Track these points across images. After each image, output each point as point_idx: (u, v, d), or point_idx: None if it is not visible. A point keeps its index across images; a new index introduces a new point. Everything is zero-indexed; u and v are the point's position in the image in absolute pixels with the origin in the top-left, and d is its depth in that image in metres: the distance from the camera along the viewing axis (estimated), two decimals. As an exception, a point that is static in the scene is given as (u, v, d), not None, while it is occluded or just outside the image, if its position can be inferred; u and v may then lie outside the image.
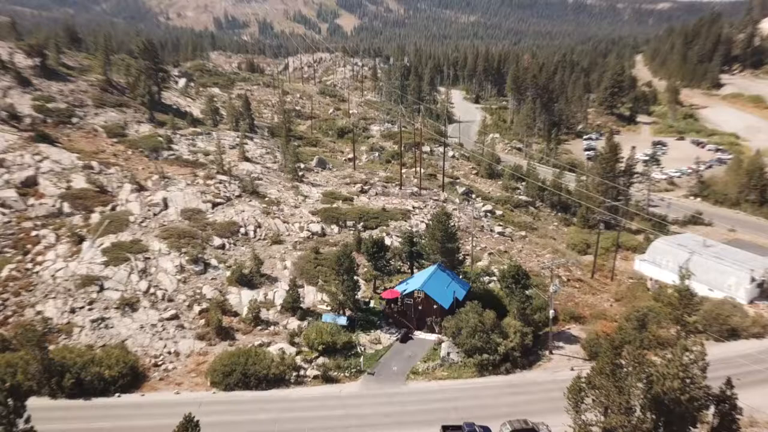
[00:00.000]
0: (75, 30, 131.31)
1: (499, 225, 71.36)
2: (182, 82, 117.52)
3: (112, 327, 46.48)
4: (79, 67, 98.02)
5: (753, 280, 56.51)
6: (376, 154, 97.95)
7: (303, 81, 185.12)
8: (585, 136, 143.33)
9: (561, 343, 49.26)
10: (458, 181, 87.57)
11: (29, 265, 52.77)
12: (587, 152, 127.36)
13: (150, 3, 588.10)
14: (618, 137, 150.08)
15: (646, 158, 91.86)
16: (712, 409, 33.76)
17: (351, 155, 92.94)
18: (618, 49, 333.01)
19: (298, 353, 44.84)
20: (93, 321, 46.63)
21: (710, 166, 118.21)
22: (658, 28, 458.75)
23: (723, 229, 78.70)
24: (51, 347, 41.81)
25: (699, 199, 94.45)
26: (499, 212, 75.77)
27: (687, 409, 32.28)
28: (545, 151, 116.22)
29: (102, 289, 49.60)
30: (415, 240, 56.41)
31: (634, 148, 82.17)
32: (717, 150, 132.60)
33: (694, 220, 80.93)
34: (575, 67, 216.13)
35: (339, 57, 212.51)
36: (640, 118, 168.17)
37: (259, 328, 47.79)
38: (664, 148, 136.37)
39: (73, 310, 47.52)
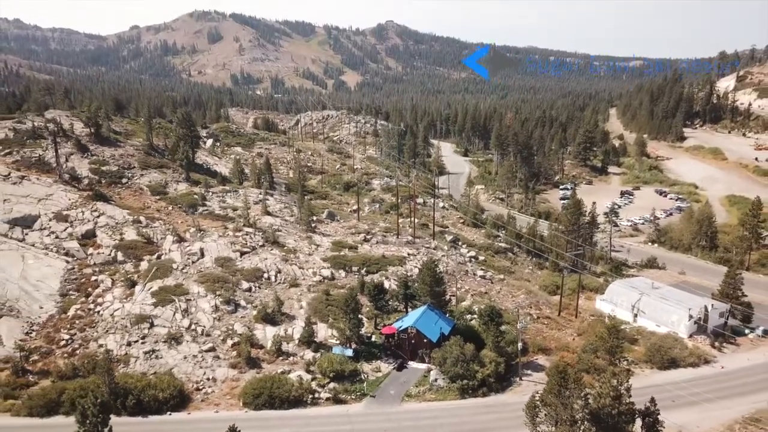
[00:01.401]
0: (120, 100, 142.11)
1: (482, 269, 78.58)
2: (209, 142, 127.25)
3: (161, 357, 53.21)
4: (125, 132, 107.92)
5: (691, 317, 63.36)
6: (377, 205, 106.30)
7: (313, 136, 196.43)
8: (561, 186, 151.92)
9: (529, 371, 55.69)
10: (447, 229, 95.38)
11: (91, 306, 59.93)
12: (563, 201, 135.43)
13: (173, 61, 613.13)
14: (591, 187, 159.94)
15: (608, 210, 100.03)
16: (639, 423, 40.26)
17: (355, 207, 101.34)
18: (594, 104, 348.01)
19: (313, 379, 51.33)
20: (146, 352, 53.40)
21: (670, 214, 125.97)
22: (631, 83, 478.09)
23: (674, 272, 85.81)
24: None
25: (656, 245, 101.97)
26: (481, 258, 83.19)
27: (618, 421, 38.93)
28: (524, 201, 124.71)
29: (152, 325, 56.55)
30: (409, 284, 63.51)
31: (594, 203, 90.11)
32: (677, 199, 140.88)
33: (650, 264, 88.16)
34: (554, 122, 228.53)
35: (344, 114, 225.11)
36: (611, 169, 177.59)
37: (281, 358, 54.36)
38: (630, 197, 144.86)
39: (129, 344, 54.34)
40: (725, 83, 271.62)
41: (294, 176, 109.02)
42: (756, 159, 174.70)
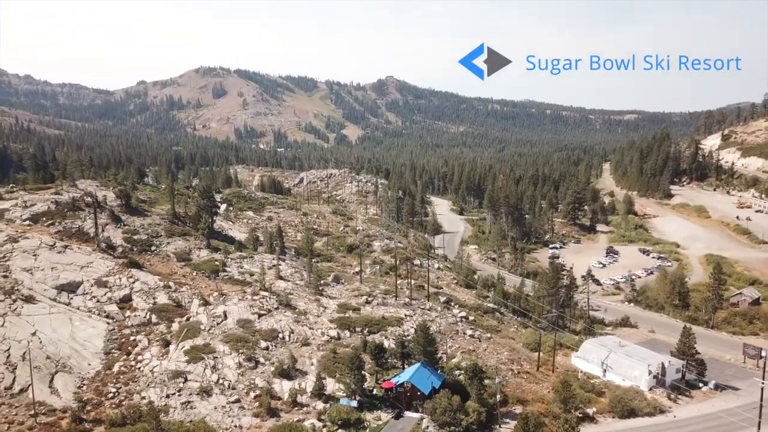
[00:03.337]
0: (142, 170, 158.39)
1: (471, 328, 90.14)
2: (223, 207, 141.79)
3: (195, 408, 64.15)
4: (149, 200, 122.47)
5: (650, 372, 74.69)
6: (378, 267, 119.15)
7: (317, 194, 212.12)
8: (551, 245, 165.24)
9: (508, 420, 66.23)
10: (441, 290, 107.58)
11: (132, 362, 71.40)
12: (551, 260, 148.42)
13: (179, 115, 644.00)
14: (579, 245, 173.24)
15: (585, 274, 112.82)
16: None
17: (358, 268, 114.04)
18: (588, 158, 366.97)
19: (324, 426, 62.12)
20: (182, 403, 64.41)
21: (651, 273, 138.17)
22: (626, 136, 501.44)
23: (645, 331, 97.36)
24: (158, 422, 59.45)
25: (633, 304, 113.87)
26: (471, 317, 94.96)
27: (569, 458, 50.07)
28: (513, 261, 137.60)
29: (186, 380, 67.80)
30: (405, 344, 75.18)
31: (572, 267, 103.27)
32: (659, 257, 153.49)
33: (623, 323, 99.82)
34: (546, 180, 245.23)
35: (346, 173, 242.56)
36: (600, 227, 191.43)
37: (297, 408, 65.18)
38: (615, 255, 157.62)
39: (168, 396, 65.45)
40: (711, 141, 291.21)
41: (302, 240, 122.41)
42: (737, 218, 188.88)
